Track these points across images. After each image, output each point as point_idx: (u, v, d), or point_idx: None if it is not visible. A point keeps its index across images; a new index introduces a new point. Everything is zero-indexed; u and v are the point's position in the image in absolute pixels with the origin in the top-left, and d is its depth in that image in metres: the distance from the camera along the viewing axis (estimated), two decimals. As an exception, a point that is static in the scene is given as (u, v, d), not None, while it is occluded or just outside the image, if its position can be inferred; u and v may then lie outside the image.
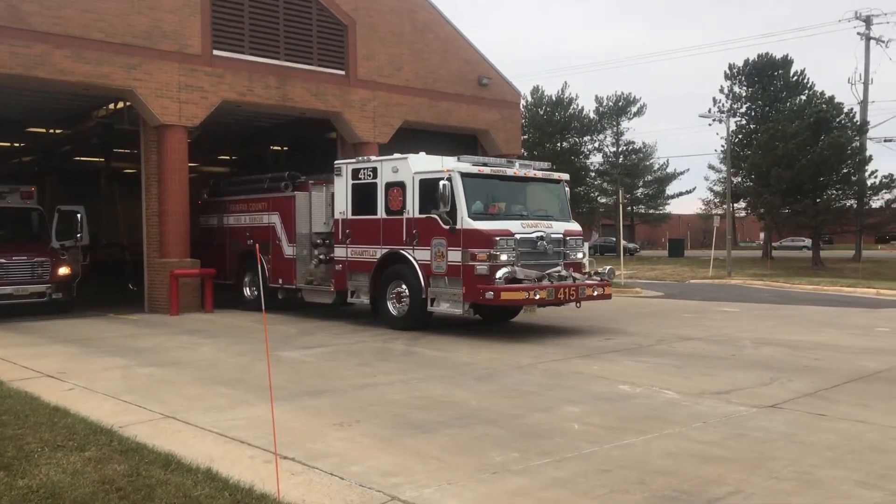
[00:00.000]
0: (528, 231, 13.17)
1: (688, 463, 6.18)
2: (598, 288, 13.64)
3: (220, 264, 18.59)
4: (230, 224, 18.82)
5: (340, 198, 15.21)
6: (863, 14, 45.33)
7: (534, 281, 12.79)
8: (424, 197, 13.49)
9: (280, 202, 17.21)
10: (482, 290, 12.47)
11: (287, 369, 10.38)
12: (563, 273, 13.32)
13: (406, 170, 13.91)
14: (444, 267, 13.15)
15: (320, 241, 16.38)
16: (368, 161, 14.86)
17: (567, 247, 13.76)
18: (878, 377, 9.76)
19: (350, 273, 14.99)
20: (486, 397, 8.63)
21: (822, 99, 43.80)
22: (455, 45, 22.98)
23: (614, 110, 68.57)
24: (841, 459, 6.27)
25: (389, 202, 14.17)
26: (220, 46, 18.40)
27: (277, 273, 17.05)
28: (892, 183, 41.37)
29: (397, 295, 14.11)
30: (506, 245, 12.77)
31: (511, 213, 13.60)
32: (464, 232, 12.88)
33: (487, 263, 12.61)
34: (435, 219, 13.24)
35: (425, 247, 13.45)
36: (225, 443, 6.82)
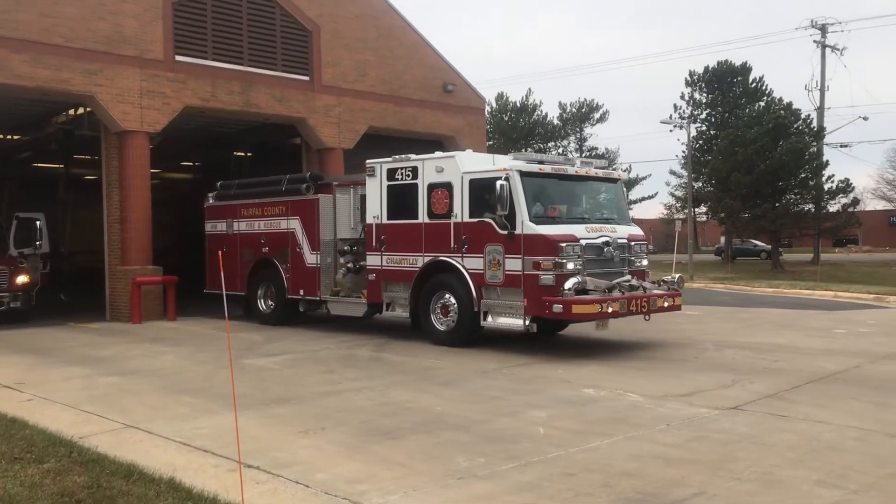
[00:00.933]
0: (594, 236, 11.94)
1: (652, 465, 6.25)
2: (668, 298, 12.42)
3: (229, 274, 16.97)
4: (241, 230, 17.07)
5: (374, 200, 13.77)
6: (818, 22, 46.28)
7: (604, 292, 11.60)
8: (475, 199, 12.23)
9: (301, 206, 15.63)
10: (548, 302, 11.21)
11: (252, 377, 10.30)
12: (633, 282, 12.12)
13: (453, 169, 12.58)
14: (500, 276, 11.84)
15: (347, 249, 14.95)
16: (407, 160, 13.39)
17: (632, 253, 12.55)
18: (835, 378, 9.95)
19: (385, 283, 13.62)
20: (451, 403, 8.64)
21: (781, 105, 44.61)
22: (420, 52, 23.02)
23: (578, 116, 69.16)
24: (801, 459, 6.38)
25: (433, 205, 12.80)
26: (183, 52, 18.23)
27: (298, 283, 15.54)
28: (848, 188, 42.24)
29: (443, 308, 12.74)
30: (571, 252, 11.52)
31: (572, 216, 12.39)
32: (524, 237, 11.57)
33: (553, 273, 11.33)
34: (489, 223, 11.95)
35: (477, 254, 12.15)
36: (188, 452, 6.74)
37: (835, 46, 46.55)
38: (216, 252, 17.19)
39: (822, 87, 45.81)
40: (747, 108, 51.65)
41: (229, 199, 17.56)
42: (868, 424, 7.48)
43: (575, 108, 69.26)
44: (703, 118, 58.03)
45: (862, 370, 10.51)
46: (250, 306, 16.74)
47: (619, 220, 12.92)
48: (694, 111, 58.06)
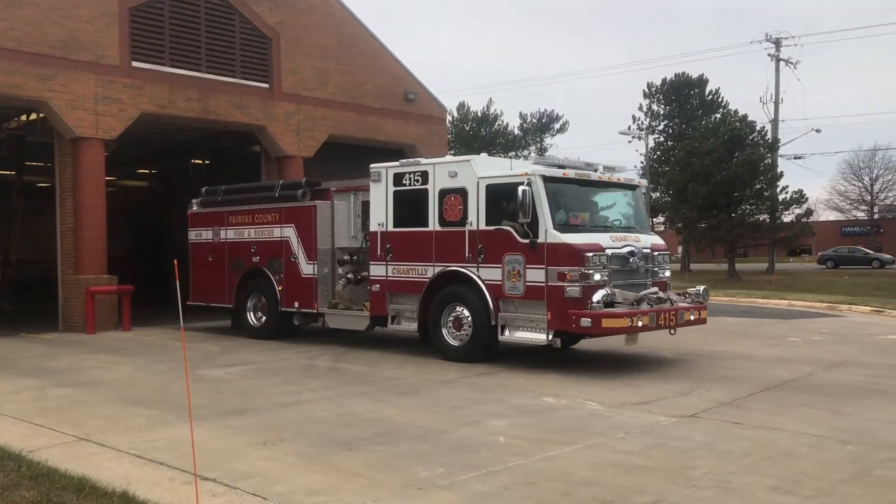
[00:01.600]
0: (618, 245, 11.35)
1: (611, 473, 6.28)
2: (693, 311, 11.86)
3: (216, 285, 16.28)
4: (229, 238, 16.16)
5: (378, 207, 13.01)
6: (773, 36, 47.36)
7: (632, 305, 11.01)
8: (493, 205, 11.57)
9: (296, 213, 14.76)
10: (575, 315, 10.60)
11: (209, 388, 10.14)
12: (660, 295, 11.55)
13: (468, 174, 11.89)
14: (520, 288, 11.15)
15: (347, 258, 14.09)
16: (416, 164, 12.72)
17: (655, 263, 12.02)
18: (789, 386, 10.13)
19: (391, 295, 12.86)
20: (412, 412, 8.60)
21: (736, 117, 45.50)
22: (381, 61, 23.00)
23: (538, 127, 69.79)
24: (756, 466, 6.47)
25: (445, 212, 12.09)
26: (140, 58, 17.96)
27: (293, 295, 14.66)
28: (802, 198, 43.19)
29: (456, 321, 12.01)
30: (598, 262, 10.92)
31: (595, 225, 11.84)
32: (548, 246, 10.91)
33: (579, 284, 10.70)
34: (508, 231, 11.31)
35: (494, 264, 11.44)
36: (143, 465, 6.61)
37: (789, 60, 47.75)
38: (201, 261, 16.66)
39: (777, 99, 46.88)
40: (704, 119, 52.58)
41: (216, 206, 16.72)
42: (821, 431, 7.61)
43: (535, 118, 69.91)
44: (660, 129, 58.92)
45: (815, 378, 10.71)
46: (239, 319, 15.97)
47: (640, 229, 12.45)
48: (652, 122, 58.94)
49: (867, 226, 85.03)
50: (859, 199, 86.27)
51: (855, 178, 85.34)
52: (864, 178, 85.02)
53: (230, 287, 15.97)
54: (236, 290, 15.83)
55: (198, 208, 17.16)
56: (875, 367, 11.52)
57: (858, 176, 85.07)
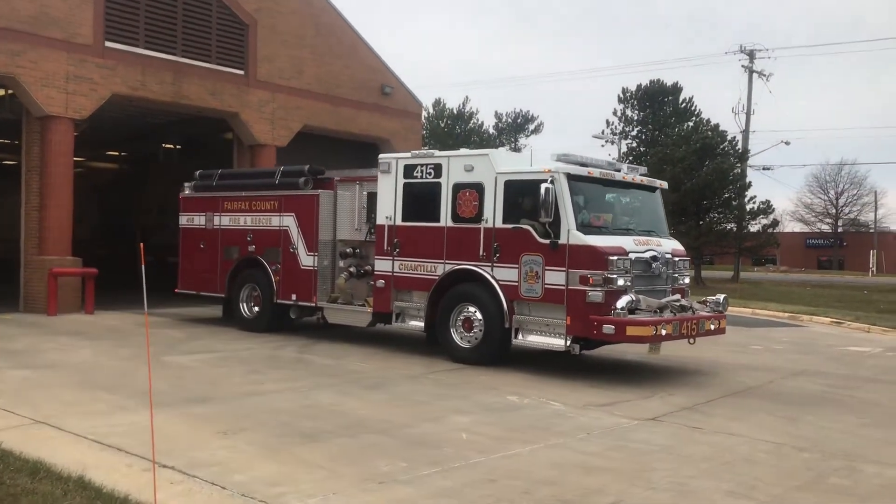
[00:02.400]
0: (641, 249, 10.90)
1: (571, 473, 6.32)
2: (714, 321, 11.43)
3: (206, 273, 15.59)
4: (223, 225, 15.45)
5: (386, 199, 12.46)
6: (747, 48, 47.85)
7: (655, 312, 10.57)
8: (511, 202, 11.08)
9: (297, 201, 14.16)
10: (597, 321, 10.15)
11: (172, 374, 10.04)
12: (683, 303, 11.15)
13: (486, 168, 11.37)
14: (538, 290, 10.68)
15: (350, 251, 13.54)
16: (430, 156, 12.18)
17: (675, 269, 11.56)
18: (750, 392, 10.27)
19: (396, 292, 12.34)
20: (376, 406, 8.59)
21: (708, 126, 45.91)
22: (359, 53, 22.90)
23: (513, 126, 69.97)
24: (714, 471, 6.55)
25: (458, 207, 11.58)
26: (113, 38, 17.70)
27: (290, 287, 14.06)
28: (769, 209, 43.74)
29: (466, 321, 11.51)
30: (621, 266, 10.43)
31: (617, 227, 11.38)
32: (570, 248, 10.43)
33: (602, 289, 10.22)
34: (527, 230, 10.80)
35: (510, 264, 10.96)
36: (101, 450, 6.53)
37: (761, 72, 48.21)
38: (192, 248, 16.04)
39: (748, 110, 47.34)
40: (677, 127, 53.04)
41: (210, 191, 16.01)
42: (779, 438, 7.73)
43: (511, 117, 70.08)
44: (634, 135, 59.40)
45: (775, 385, 10.88)
46: (231, 310, 15.33)
47: (661, 233, 12.04)
48: (625, 128, 59.39)
49: (831, 238, 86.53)
50: (824, 212, 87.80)
51: (821, 192, 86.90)
52: (830, 192, 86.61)
53: (222, 276, 15.31)
54: (229, 280, 15.18)
55: (190, 192, 16.46)
56: (833, 377, 11.72)
57: (824, 189, 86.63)
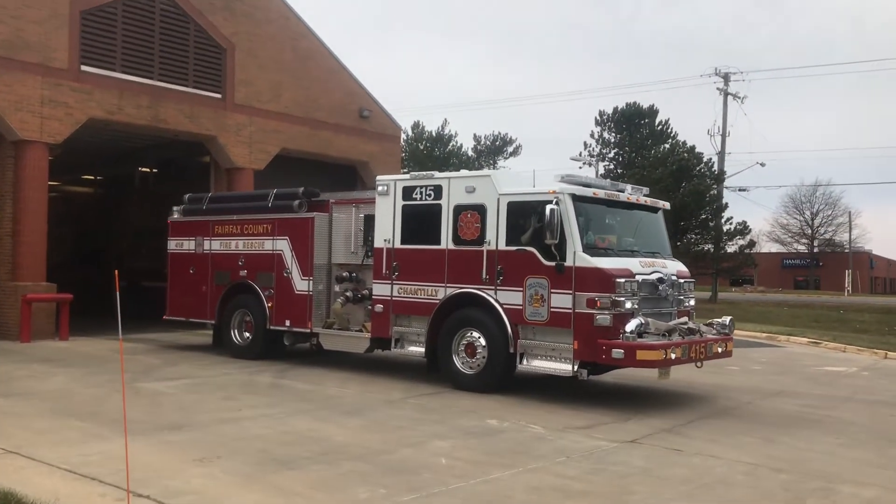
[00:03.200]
0: (647, 271, 10.71)
1: (551, 497, 6.30)
2: (721, 343, 11.26)
3: (196, 299, 15.26)
4: (214, 249, 15.11)
5: (384, 222, 12.21)
6: (722, 71, 48.53)
7: (663, 335, 10.35)
8: (514, 224, 10.83)
9: (291, 224, 13.84)
10: (605, 346, 9.93)
11: (147, 402, 9.91)
12: (691, 325, 10.92)
13: (488, 189, 11.16)
14: (543, 314, 10.45)
15: (346, 275, 13.24)
16: (429, 177, 11.92)
17: (681, 291, 11.44)
18: (728, 414, 10.31)
19: (396, 316, 12.06)
20: (354, 432, 8.52)
21: (684, 148, 46.41)
22: (337, 76, 22.97)
23: (492, 149, 70.29)
24: (693, 493, 6.56)
25: (460, 229, 11.34)
26: (89, 62, 17.63)
27: (284, 313, 13.72)
28: (746, 230, 44.26)
29: (469, 347, 11.22)
30: (629, 289, 10.26)
31: (622, 248, 11.18)
32: (577, 270, 10.21)
33: (610, 312, 10.02)
34: (531, 252, 10.59)
35: (514, 287, 10.73)
36: (74, 480, 6.42)
37: (736, 94, 48.87)
38: (181, 273, 15.67)
39: (724, 132, 47.92)
40: (653, 149, 53.55)
41: (200, 215, 15.69)
42: (756, 459, 7.75)
43: (489, 140, 70.44)
44: (611, 157, 59.87)
45: (753, 406, 10.92)
46: (222, 337, 14.95)
47: (665, 255, 11.85)
48: (603, 150, 59.86)
49: (807, 259, 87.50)
50: (800, 232, 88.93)
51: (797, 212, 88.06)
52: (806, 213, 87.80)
53: (213, 302, 14.95)
54: (219, 306, 14.82)
55: (179, 216, 16.13)
56: (810, 398, 11.80)
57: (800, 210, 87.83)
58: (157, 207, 26.01)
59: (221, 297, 14.80)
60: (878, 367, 16.16)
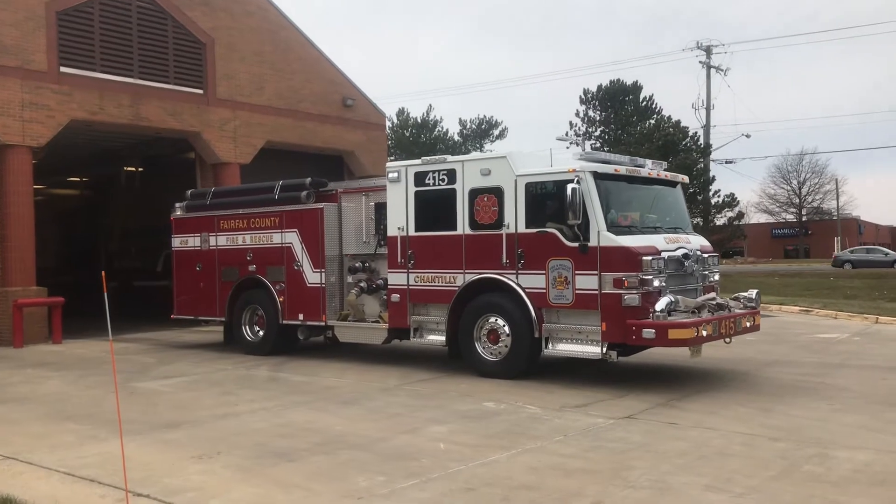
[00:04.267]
0: (672, 248, 10.45)
1: (550, 476, 6.33)
2: (749, 318, 11.06)
3: (205, 297, 15.00)
4: (221, 245, 14.80)
5: (398, 209, 11.90)
6: (704, 44, 48.45)
7: (692, 312, 10.13)
8: (535, 206, 10.55)
9: (300, 216, 13.54)
10: (635, 326, 9.68)
11: (143, 401, 9.91)
12: (719, 301, 10.78)
13: (504, 171, 10.82)
14: (568, 296, 10.16)
15: (359, 265, 13.02)
16: (443, 161, 11.63)
17: (705, 266, 11.20)
18: (723, 385, 10.38)
19: (413, 305, 11.78)
20: (352, 421, 8.54)
21: (670, 123, 46.39)
22: (319, 66, 22.85)
23: (477, 133, 70.16)
24: (691, 465, 6.60)
25: (476, 214, 11.03)
26: (69, 63, 17.48)
27: (296, 306, 13.46)
28: (734, 202, 44.31)
29: (492, 333, 10.99)
30: (655, 267, 10.00)
31: (645, 226, 10.89)
32: (602, 250, 9.93)
33: (638, 291, 9.77)
34: (553, 234, 10.29)
35: (536, 270, 10.43)
36: (73, 482, 6.41)
37: (719, 67, 48.80)
38: (187, 271, 15.39)
39: (708, 106, 47.91)
40: (639, 125, 53.56)
41: (204, 210, 15.35)
42: (753, 430, 7.81)
43: (475, 124, 70.29)
44: (597, 135, 59.82)
45: (748, 377, 11.00)
46: (233, 333, 14.71)
47: (686, 230, 11.60)
48: (588, 128, 59.80)
49: (796, 227, 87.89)
50: (788, 201, 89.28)
51: (784, 182, 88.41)
52: (793, 182, 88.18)
53: (222, 299, 14.66)
54: (229, 302, 14.53)
55: (182, 213, 15.80)
56: (804, 366, 11.89)
57: (787, 179, 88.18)
58: (144, 206, 25.98)
59: (231, 294, 14.53)
60: (869, 332, 16.28)
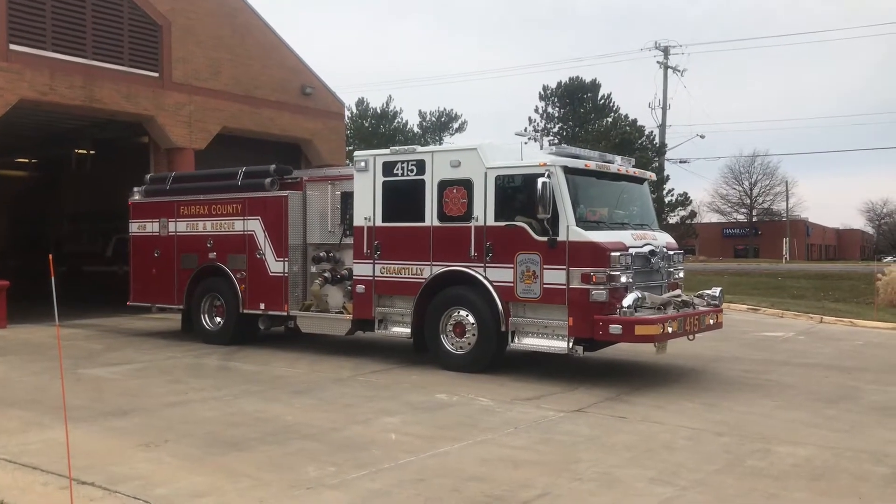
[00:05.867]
0: (639, 244, 10.50)
1: (500, 468, 6.39)
2: (712, 315, 11.07)
3: (162, 284, 14.61)
4: (180, 232, 14.44)
5: (365, 199, 11.75)
6: (661, 45, 49.13)
7: (658, 309, 10.21)
8: (504, 199, 10.51)
9: (263, 203, 13.27)
10: (602, 322, 9.68)
11: (90, 388, 9.73)
12: (684, 298, 10.80)
13: (474, 163, 10.74)
14: (536, 291, 10.14)
15: (323, 255, 12.77)
16: (412, 151, 11.49)
17: (670, 263, 11.25)
18: (671, 380, 10.56)
19: (378, 297, 11.66)
20: (303, 411, 8.50)
21: (627, 122, 47.10)
22: (278, 53, 22.61)
23: (437, 125, 70.14)
24: (638, 459, 6.71)
25: (445, 206, 10.95)
26: (18, 41, 17.03)
27: (258, 295, 13.19)
28: (687, 201, 45.18)
29: (458, 326, 10.90)
30: (623, 262, 10.02)
31: (613, 221, 10.95)
32: (570, 245, 9.92)
33: (606, 287, 9.78)
34: (522, 227, 10.27)
35: (504, 264, 10.39)
36: (14, 470, 6.28)
37: (676, 68, 49.54)
38: (144, 257, 14.96)
39: (664, 105, 48.58)
40: (596, 123, 54.10)
41: (163, 195, 14.91)
42: (698, 424, 7.97)
43: (435, 116, 70.25)
44: (555, 132, 60.24)
45: (694, 373, 11.21)
46: (190, 322, 14.37)
47: (653, 226, 11.64)
48: (547, 124, 60.18)
49: (746, 228, 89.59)
50: (739, 202, 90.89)
51: (736, 183, 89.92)
52: (745, 183, 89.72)
53: (180, 286, 14.31)
54: (187, 290, 14.19)
55: (140, 198, 15.32)
56: (750, 363, 12.15)
57: (739, 180, 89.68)
58: (95, 190, 25.46)
59: (189, 281, 14.20)
60: (813, 332, 16.70)
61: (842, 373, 11.36)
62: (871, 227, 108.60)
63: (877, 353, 13.62)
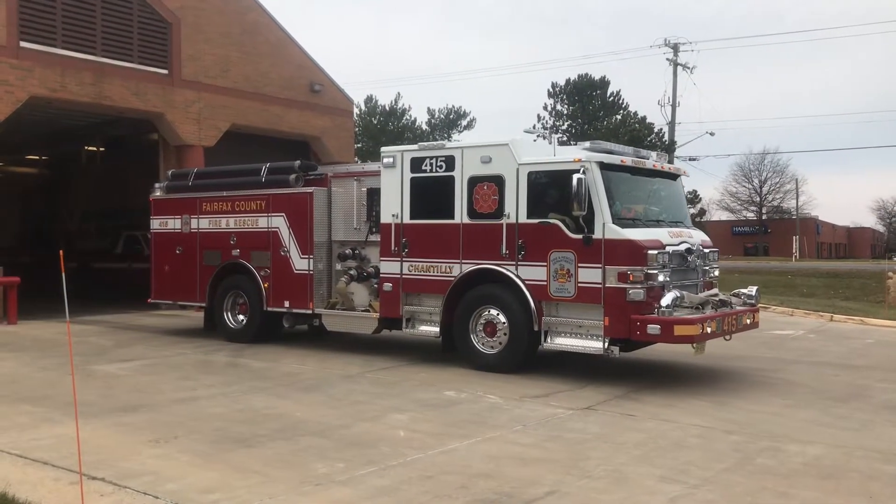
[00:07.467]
0: (676, 242, 10.27)
1: (508, 465, 6.38)
2: (749, 315, 10.89)
3: (184, 281, 14.45)
4: (203, 228, 14.28)
5: (392, 196, 11.55)
6: (671, 41, 48.91)
7: (696, 308, 10.01)
8: (537, 196, 10.28)
9: (287, 200, 13.11)
10: (640, 321, 9.45)
11: (100, 384, 9.77)
12: (722, 297, 10.60)
13: (506, 159, 10.52)
14: (570, 290, 9.92)
15: (349, 252, 12.65)
16: (441, 147, 11.38)
17: (706, 261, 11.07)
18: (681, 378, 10.54)
19: (406, 295, 11.46)
20: (312, 408, 8.52)
21: (636, 119, 46.90)
22: (287, 50, 22.64)
23: (446, 122, 69.97)
24: (647, 457, 6.70)
25: (475, 202, 10.73)
26: (29, 38, 17.10)
27: (282, 293, 13.05)
28: (696, 199, 44.98)
29: (489, 326, 10.71)
30: (660, 261, 9.80)
31: (649, 219, 10.70)
32: (606, 243, 9.69)
33: (643, 286, 9.55)
34: (555, 225, 10.05)
35: (537, 262, 10.17)
36: (25, 465, 6.31)
37: (685, 65, 49.27)
38: (166, 254, 14.81)
39: (674, 103, 48.37)
40: (605, 120, 53.91)
41: (186, 191, 14.81)
42: (708, 422, 7.95)
43: (443, 113, 70.11)
44: (564, 129, 60.06)
45: (705, 371, 11.17)
46: (213, 320, 14.19)
47: (687, 224, 11.42)
48: (556, 122, 59.99)
49: (756, 226, 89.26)
50: (749, 200, 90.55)
51: (745, 180, 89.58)
52: (754, 181, 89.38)
53: (203, 283, 14.13)
54: (210, 287, 14.02)
55: (162, 194, 15.20)
56: (760, 361, 12.11)
57: (749, 178, 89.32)
58: (105, 187, 25.56)
59: (212, 279, 14.03)
60: (823, 330, 16.64)
61: (852, 371, 11.32)
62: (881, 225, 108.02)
63: (887, 352, 13.55)
